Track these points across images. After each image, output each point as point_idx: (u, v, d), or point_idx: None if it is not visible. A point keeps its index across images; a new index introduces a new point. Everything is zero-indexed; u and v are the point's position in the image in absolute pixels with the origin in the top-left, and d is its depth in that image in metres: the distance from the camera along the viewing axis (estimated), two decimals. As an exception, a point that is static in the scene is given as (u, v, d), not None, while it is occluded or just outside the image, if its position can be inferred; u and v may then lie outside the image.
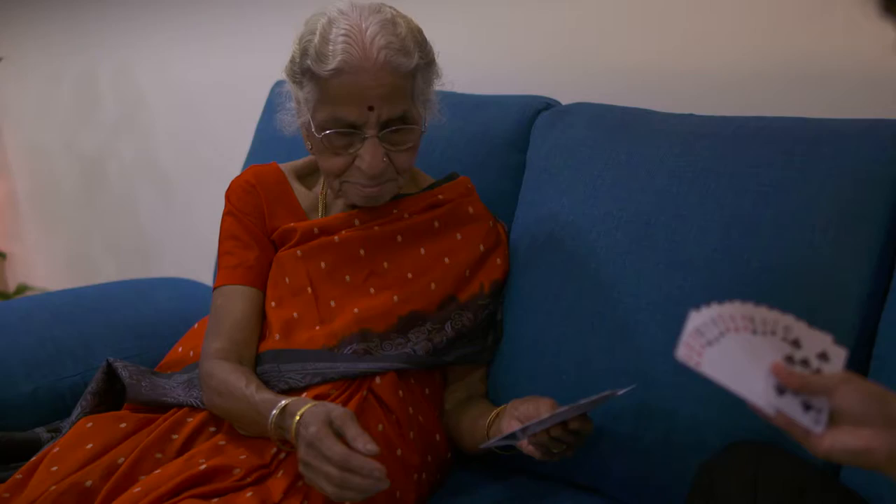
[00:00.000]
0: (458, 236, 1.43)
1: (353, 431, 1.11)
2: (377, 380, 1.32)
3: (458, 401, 1.42)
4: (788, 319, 0.89)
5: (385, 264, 1.40)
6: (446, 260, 1.41)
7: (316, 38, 1.28)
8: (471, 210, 1.45)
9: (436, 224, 1.42)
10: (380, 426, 1.29)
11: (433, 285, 1.39)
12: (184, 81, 2.56)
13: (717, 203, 1.26)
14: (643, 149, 1.37)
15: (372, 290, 1.38)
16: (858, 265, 1.17)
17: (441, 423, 1.41)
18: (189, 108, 2.57)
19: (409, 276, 1.40)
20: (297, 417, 1.16)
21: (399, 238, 1.41)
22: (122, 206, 2.83)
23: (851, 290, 1.17)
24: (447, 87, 1.43)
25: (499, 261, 1.45)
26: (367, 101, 1.25)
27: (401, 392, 1.33)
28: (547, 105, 1.58)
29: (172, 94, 2.61)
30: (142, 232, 2.79)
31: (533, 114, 1.56)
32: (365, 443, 1.09)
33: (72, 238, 3.06)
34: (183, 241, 2.66)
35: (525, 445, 1.22)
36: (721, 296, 1.21)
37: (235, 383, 1.27)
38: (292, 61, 1.32)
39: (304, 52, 1.29)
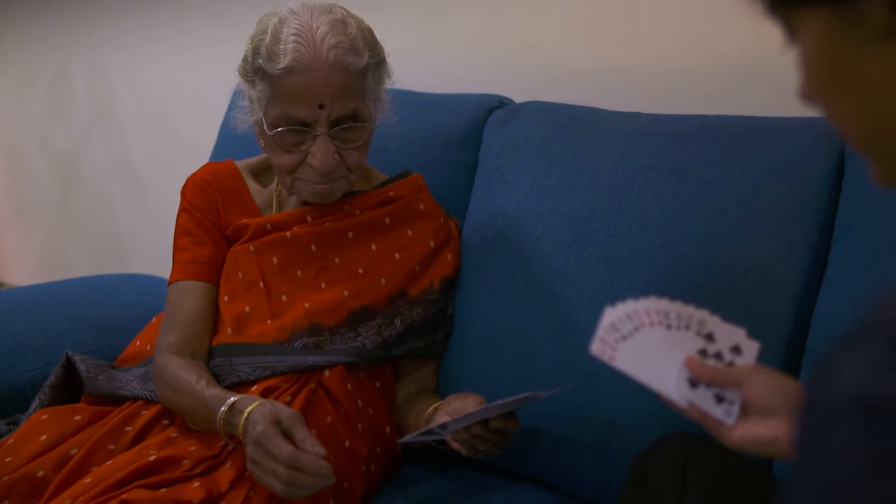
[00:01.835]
0: (409, 232, 1.45)
1: (302, 433, 1.13)
2: (326, 373, 1.34)
3: (408, 395, 1.44)
4: (703, 314, 0.91)
5: (336, 260, 1.42)
6: (397, 256, 1.43)
7: (267, 38, 1.30)
8: (422, 207, 1.47)
9: (387, 220, 1.45)
10: (328, 418, 1.31)
11: (383, 280, 1.42)
12: (155, 81, 2.58)
13: (656, 199, 1.29)
14: (589, 146, 1.40)
15: (323, 285, 1.41)
16: (793, 259, 1.20)
17: (392, 415, 1.43)
18: (160, 107, 2.59)
19: (360, 271, 1.42)
20: (245, 415, 1.18)
21: (350, 234, 1.43)
22: (96, 203, 2.84)
23: (786, 283, 1.20)
24: (405, 86, 1.45)
25: (449, 257, 1.47)
26: (317, 100, 1.28)
27: (349, 385, 1.35)
28: (500, 104, 1.61)
29: (144, 93, 2.63)
30: (115, 229, 2.81)
31: (486, 112, 1.59)
32: (313, 445, 1.12)
33: (46, 235, 3.07)
34: (155, 237, 2.67)
35: (451, 441, 1.24)
36: (659, 289, 1.24)
37: (187, 378, 1.29)
38: (244, 60, 1.34)
39: (255, 51, 1.31)
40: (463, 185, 1.57)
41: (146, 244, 2.73)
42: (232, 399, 1.22)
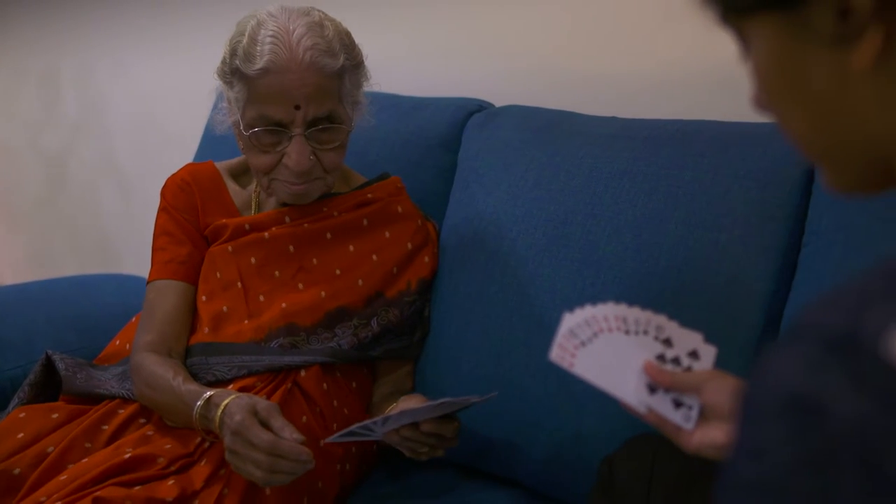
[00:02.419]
0: (387, 234, 1.46)
1: (279, 422, 1.15)
2: (302, 373, 1.35)
3: (384, 395, 1.45)
4: (661, 319, 0.92)
5: (314, 261, 1.43)
6: (374, 257, 1.44)
7: (245, 39, 1.31)
8: (400, 209, 1.48)
9: (365, 222, 1.46)
10: (303, 417, 1.32)
11: (361, 282, 1.43)
12: (143, 83, 2.59)
13: (629, 203, 1.30)
14: (565, 150, 1.41)
15: (300, 286, 1.41)
16: (763, 263, 1.21)
17: (368, 416, 1.44)
18: (148, 108, 2.60)
19: (338, 272, 1.43)
20: (222, 408, 1.19)
21: (328, 235, 1.44)
22: (84, 204, 2.85)
23: (756, 287, 1.21)
24: (387, 90, 1.46)
25: (426, 259, 1.48)
26: (293, 101, 1.29)
27: (325, 385, 1.36)
28: (480, 107, 1.62)
29: (132, 95, 2.63)
30: (102, 229, 2.82)
31: (466, 116, 1.60)
32: (291, 432, 1.14)
33: (34, 235, 3.07)
34: (142, 238, 2.67)
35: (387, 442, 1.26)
36: (631, 292, 1.26)
37: (163, 375, 1.30)
38: (223, 62, 1.35)
39: (233, 53, 1.32)
40: (442, 187, 1.58)
41: (133, 244, 2.73)
42: (208, 393, 1.23)
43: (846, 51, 0.54)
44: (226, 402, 1.20)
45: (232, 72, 1.33)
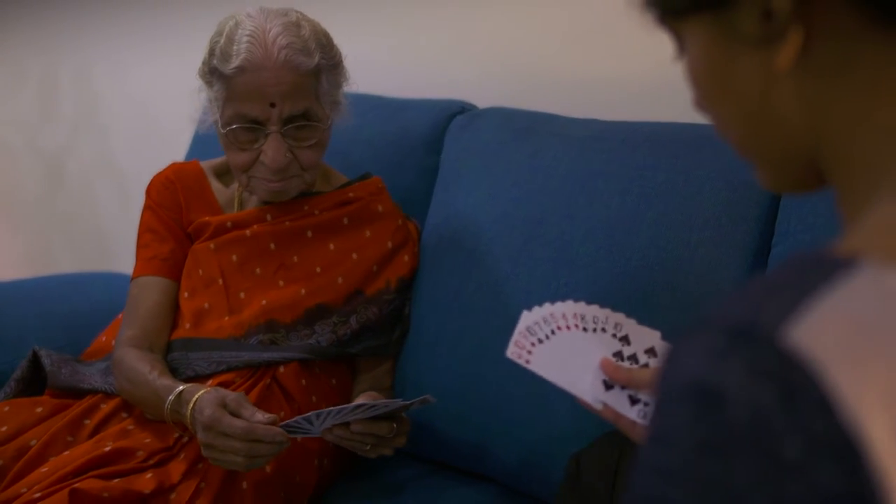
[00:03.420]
0: (368, 233, 1.48)
1: (249, 410, 1.19)
2: (281, 369, 1.37)
3: (362, 392, 1.47)
4: (619, 317, 0.93)
5: (295, 258, 1.45)
6: (354, 256, 1.46)
7: (222, 39, 1.33)
8: (380, 208, 1.50)
9: (345, 221, 1.48)
10: (281, 413, 1.34)
11: (340, 279, 1.44)
12: (140, 82, 2.61)
13: (603, 204, 1.32)
14: (543, 152, 1.43)
15: (281, 283, 1.43)
16: (734, 263, 1.22)
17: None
18: (145, 108, 2.62)
19: (318, 270, 1.45)
20: (192, 404, 1.22)
21: (309, 233, 1.46)
22: (81, 202, 2.88)
23: (726, 286, 1.22)
24: (373, 91, 1.47)
25: (406, 258, 1.50)
26: (268, 98, 1.31)
27: (304, 381, 1.38)
28: (462, 109, 1.64)
29: (130, 93, 2.66)
30: (100, 228, 2.84)
31: (449, 117, 1.62)
32: (263, 415, 1.18)
33: (32, 234, 3.10)
34: (138, 237, 2.70)
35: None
36: (603, 291, 1.27)
37: (141, 370, 1.32)
38: (203, 62, 1.38)
39: (211, 53, 1.35)
40: (425, 188, 1.60)
41: (130, 243, 2.73)
42: (180, 388, 1.26)
43: (770, 52, 0.56)
44: (195, 397, 1.23)
45: (210, 71, 1.35)
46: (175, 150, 2.39)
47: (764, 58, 0.56)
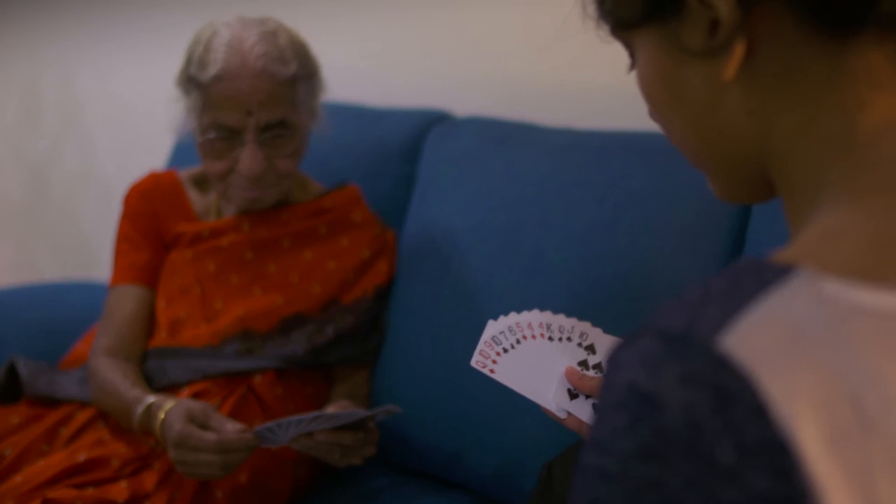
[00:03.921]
0: (344, 242, 1.48)
1: (217, 420, 1.19)
2: (257, 378, 1.37)
3: (338, 400, 1.47)
4: (585, 326, 0.93)
5: (271, 267, 1.45)
6: (331, 264, 1.47)
7: (200, 48, 1.34)
8: (357, 217, 1.50)
9: (322, 230, 1.48)
10: (257, 422, 1.34)
11: (317, 288, 1.45)
12: (124, 90, 2.62)
13: (578, 213, 1.32)
14: (519, 160, 1.43)
15: (257, 292, 1.44)
16: (707, 271, 1.23)
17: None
18: (128, 115, 2.63)
19: (295, 279, 1.45)
20: (160, 420, 1.22)
21: (286, 242, 1.46)
22: (65, 210, 2.88)
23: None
24: (350, 98, 1.47)
25: (383, 267, 1.50)
26: (245, 106, 1.31)
27: (279, 390, 1.38)
28: (441, 118, 1.64)
29: (113, 102, 2.66)
30: (83, 235, 2.84)
31: (427, 126, 1.62)
32: (232, 425, 1.18)
33: (17, 243, 3.10)
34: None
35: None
36: (578, 299, 1.28)
37: (113, 380, 1.32)
38: (180, 70, 1.38)
39: (188, 61, 1.36)
40: (402, 196, 1.60)
41: (112, 250, 2.76)
42: (148, 401, 1.26)
43: (717, 62, 0.56)
44: (163, 413, 1.22)
45: (188, 80, 1.36)
46: (158, 158, 2.40)
47: (711, 68, 0.57)
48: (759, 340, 0.44)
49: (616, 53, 1.67)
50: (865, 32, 0.52)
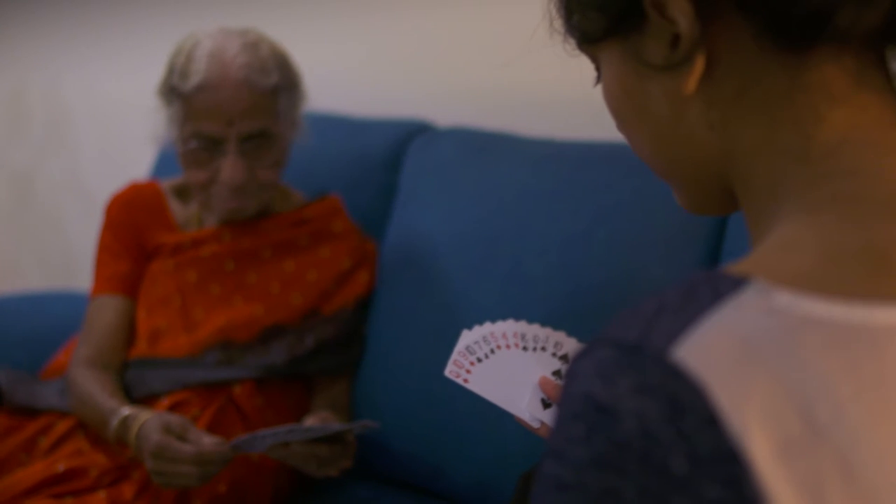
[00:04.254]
0: (325, 252, 1.49)
1: (195, 434, 1.18)
2: (236, 388, 1.37)
3: (318, 411, 1.47)
4: (559, 336, 0.94)
5: (252, 278, 1.45)
6: (312, 275, 1.47)
7: (182, 58, 1.35)
8: (338, 228, 1.51)
9: (303, 240, 1.48)
10: (236, 432, 1.34)
11: (298, 299, 1.45)
12: (109, 100, 2.62)
13: (557, 223, 1.33)
14: (499, 171, 1.44)
15: (238, 302, 1.44)
16: (683, 282, 1.24)
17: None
18: (113, 125, 2.63)
19: (275, 289, 1.45)
20: (136, 430, 1.22)
21: (267, 253, 1.46)
22: (50, 220, 2.87)
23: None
24: (333, 107, 1.48)
25: (364, 277, 1.51)
26: (226, 116, 1.32)
27: (259, 400, 1.39)
28: (423, 128, 1.65)
29: (98, 112, 2.66)
30: (68, 245, 2.84)
31: (409, 136, 1.63)
32: (210, 438, 1.18)
33: (1, 251, 3.09)
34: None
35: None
36: (555, 310, 1.28)
37: (90, 391, 1.32)
38: (162, 81, 1.39)
39: (170, 71, 1.36)
40: (384, 206, 1.61)
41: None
42: (124, 412, 1.25)
43: (678, 76, 0.57)
44: (139, 425, 1.22)
45: (170, 90, 1.36)
46: (143, 167, 2.40)
47: (673, 82, 0.58)
48: (711, 351, 0.45)
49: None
50: (822, 46, 0.53)
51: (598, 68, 0.66)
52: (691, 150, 0.60)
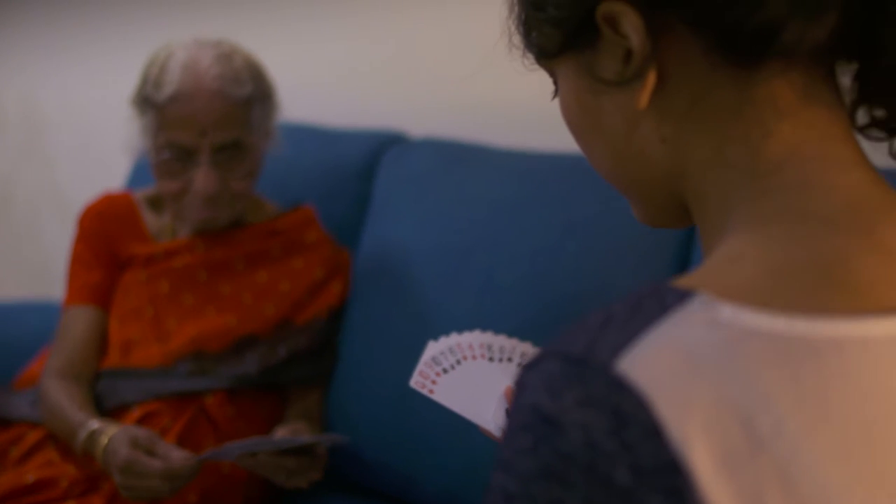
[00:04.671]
0: (298, 263, 1.49)
1: (164, 447, 1.18)
2: (209, 398, 1.37)
3: (292, 421, 1.47)
4: (526, 346, 0.94)
5: (225, 288, 1.45)
6: (285, 285, 1.47)
7: (155, 69, 1.35)
8: (311, 238, 1.51)
9: (276, 251, 1.49)
10: (207, 443, 1.34)
11: (271, 309, 1.45)
12: (87, 108, 2.61)
13: (528, 234, 1.34)
14: (472, 182, 1.45)
15: (211, 313, 1.44)
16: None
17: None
18: (91, 136, 2.62)
19: (248, 300, 1.45)
20: (103, 445, 1.22)
21: (240, 264, 1.47)
22: (26, 229, 2.86)
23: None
24: (307, 117, 1.48)
25: (337, 287, 1.51)
26: (199, 127, 1.32)
27: (232, 410, 1.38)
28: (397, 139, 1.66)
29: (75, 122, 2.66)
30: (44, 254, 2.83)
31: (382, 147, 1.64)
32: (178, 452, 1.18)
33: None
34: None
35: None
36: (526, 321, 1.29)
37: (61, 402, 1.32)
38: (136, 91, 1.39)
39: (144, 81, 1.36)
40: (358, 217, 1.61)
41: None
42: (92, 426, 1.25)
43: (631, 91, 0.58)
44: (106, 440, 1.22)
45: (143, 100, 1.37)
46: (120, 178, 2.39)
47: (626, 97, 0.59)
48: (655, 363, 0.45)
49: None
50: (770, 62, 0.54)
51: (555, 82, 0.67)
52: (645, 164, 0.61)
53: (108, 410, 1.35)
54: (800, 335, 0.46)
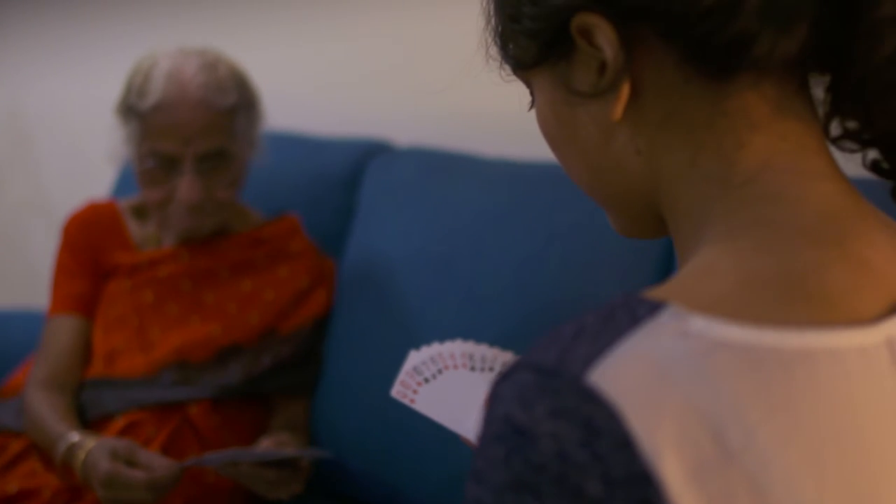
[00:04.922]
0: (283, 272, 1.49)
1: (145, 457, 1.18)
2: (192, 408, 1.37)
3: (277, 431, 1.47)
4: (507, 356, 0.94)
5: (209, 297, 1.45)
6: (269, 294, 1.47)
7: (140, 77, 1.35)
8: (296, 247, 1.51)
9: (261, 260, 1.49)
10: (191, 452, 1.34)
11: (255, 318, 1.45)
12: (72, 119, 2.61)
13: (511, 243, 1.34)
14: (456, 191, 1.45)
15: (195, 322, 1.44)
16: (636, 302, 1.25)
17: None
18: (77, 145, 2.62)
19: (233, 309, 1.45)
20: (82, 458, 1.21)
21: (224, 273, 1.46)
22: (12, 237, 2.86)
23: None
24: (293, 126, 1.48)
25: (322, 296, 1.51)
26: (183, 136, 1.32)
27: (215, 419, 1.38)
28: (382, 147, 1.66)
29: (61, 131, 2.65)
30: (30, 263, 2.82)
31: (368, 156, 1.64)
32: (160, 461, 1.17)
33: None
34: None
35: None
36: (510, 330, 1.29)
37: (42, 413, 1.32)
38: (120, 99, 1.39)
39: (128, 90, 1.36)
40: (343, 226, 1.61)
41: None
42: (71, 439, 1.24)
43: (606, 103, 0.58)
44: (84, 454, 1.21)
45: (127, 108, 1.37)
46: (106, 186, 2.39)
47: (601, 109, 0.59)
48: (625, 375, 0.45)
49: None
50: (742, 74, 0.54)
51: (532, 94, 0.67)
52: (620, 175, 0.61)
53: (91, 420, 1.34)
54: (770, 346, 0.46)
